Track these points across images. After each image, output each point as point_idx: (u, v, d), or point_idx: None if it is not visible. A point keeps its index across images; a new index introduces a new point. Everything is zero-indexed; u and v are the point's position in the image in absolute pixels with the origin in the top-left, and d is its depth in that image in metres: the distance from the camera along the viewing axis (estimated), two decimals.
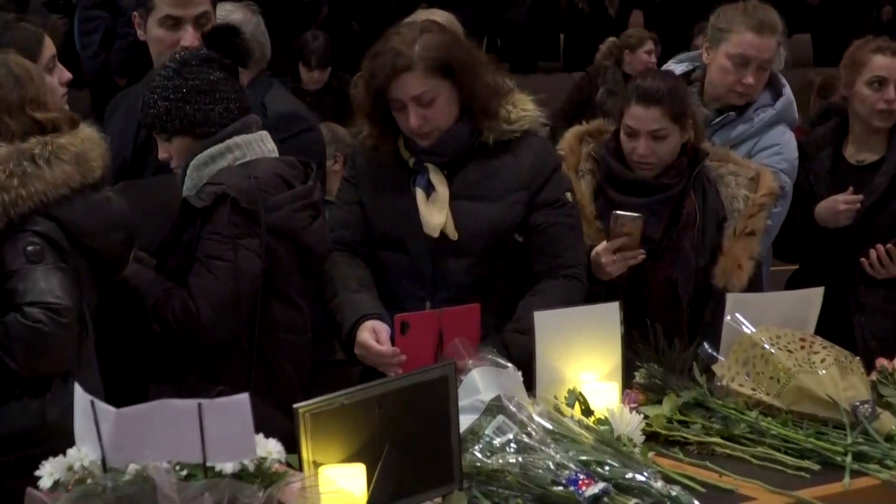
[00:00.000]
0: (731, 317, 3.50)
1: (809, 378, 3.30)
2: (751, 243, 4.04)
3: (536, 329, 3.26)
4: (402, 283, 3.68)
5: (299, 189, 3.58)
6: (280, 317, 3.57)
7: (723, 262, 4.01)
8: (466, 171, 3.66)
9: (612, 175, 4.05)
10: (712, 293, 4.00)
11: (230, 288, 3.42)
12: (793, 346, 3.42)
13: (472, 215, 3.62)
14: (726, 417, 3.29)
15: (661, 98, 3.96)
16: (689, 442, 3.23)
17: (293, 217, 3.54)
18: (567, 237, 3.71)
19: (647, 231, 3.95)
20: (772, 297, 3.69)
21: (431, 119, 3.58)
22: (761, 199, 4.08)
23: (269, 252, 3.49)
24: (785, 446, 3.18)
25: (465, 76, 3.59)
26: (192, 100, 3.53)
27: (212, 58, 3.60)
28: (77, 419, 2.48)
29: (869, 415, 3.23)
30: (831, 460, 3.11)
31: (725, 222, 4.07)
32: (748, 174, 4.14)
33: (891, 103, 4.56)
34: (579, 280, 3.72)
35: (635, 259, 3.88)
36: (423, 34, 3.59)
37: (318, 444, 2.55)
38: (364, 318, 3.56)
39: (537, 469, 2.78)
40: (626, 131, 4.01)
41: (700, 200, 4.05)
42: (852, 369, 3.39)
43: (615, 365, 3.37)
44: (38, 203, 3.15)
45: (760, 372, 3.38)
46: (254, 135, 3.59)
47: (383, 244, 3.71)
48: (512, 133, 3.68)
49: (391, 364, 3.46)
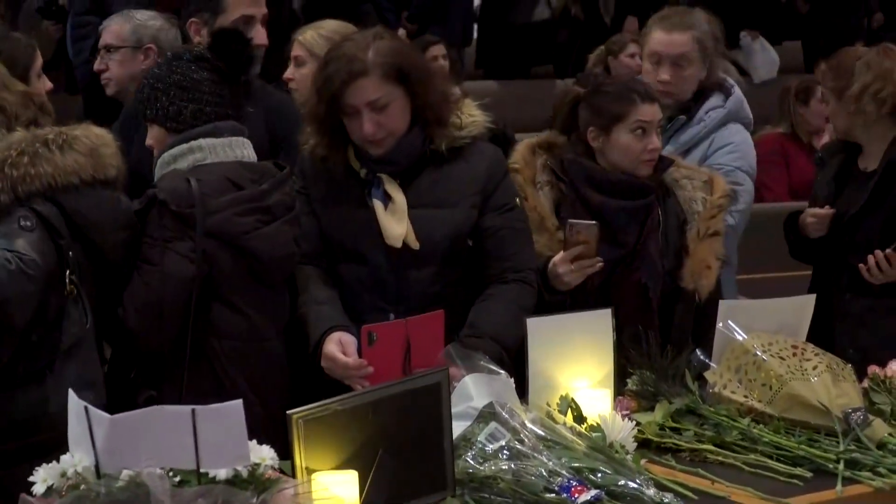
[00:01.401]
0: (723, 324, 3.50)
1: (801, 385, 3.31)
2: (715, 244, 4.08)
3: (529, 336, 3.26)
4: (363, 296, 3.64)
5: (246, 192, 3.53)
6: (221, 323, 3.52)
7: (690, 264, 4.04)
8: (420, 180, 3.65)
9: (592, 177, 4.03)
10: (680, 295, 4.03)
11: (156, 293, 3.41)
12: (785, 353, 3.42)
13: (430, 223, 3.61)
14: (718, 424, 3.29)
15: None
16: (682, 449, 3.23)
17: (234, 221, 3.48)
18: (515, 241, 3.72)
19: (621, 236, 3.97)
20: (764, 304, 3.69)
21: (385, 125, 3.56)
22: (718, 200, 4.12)
23: (208, 256, 3.45)
24: (777, 453, 3.18)
25: (419, 83, 3.59)
26: (170, 93, 3.59)
27: (205, 57, 3.63)
28: (71, 425, 2.48)
29: (861, 422, 3.23)
30: (823, 468, 3.11)
31: (686, 225, 4.10)
32: (701, 178, 4.19)
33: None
34: (529, 284, 3.71)
35: (593, 268, 3.85)
36: (376, 40, 3.57)
37: (311, 451, 2.55)
38: (331, 330, 3.52)
39: (530, 476, 2.78)
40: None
41: (661, 204, 4.08)
42: (844, 376, 3.39)
43: (607, 372, 3.36)
44: (46, 185, 3.20)
45: (752, 379, 3.38)
46: (222, 139, 3.57)
47: (341, 256, 3.67)
48: (463, 139, 3.68)
49: (358, 376, 3.42)
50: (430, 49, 8.53)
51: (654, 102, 4.04)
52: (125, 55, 4.72)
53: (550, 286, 3.84)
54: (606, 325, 3.38)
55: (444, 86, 3.73)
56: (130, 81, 4.51)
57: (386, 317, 3.57)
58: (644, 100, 4.03)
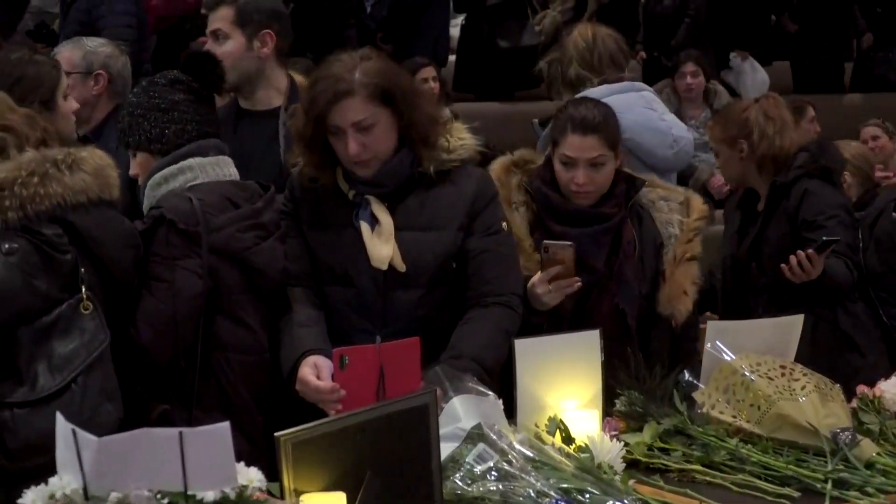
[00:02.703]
0: (711, 344, 3.51)
1: (790, 405, 3.31)
2: (691, 268, 4.07)
3: (517, 357, 3.27)
4: (350, 318, 3.63)
5: (245, 210, 3.65)
6: (228, 337, 3.60)
7: (667, 289, 4.03)
8: (408, 202, 3.64)
9: (550, 206, 4.02)
10: (657, 320, 4.02)
11: (168, 309, 3.49)
12: (773, 373, 3.43)
13: (417, 246, 3.60)
14: (707, 445, 3.29)
15: (598, 125, 3.95)
16: (670, 469, 3.23)
17: (236, 238, 3.59)
18: (499, 265, 3.68)
19: (590, 261, 3.94)
20: (751, 325, 3.70)
21: (370, 146, 3.55)
22: (695, 223, 4.12)
23: (213, 272, 3.55)
24: (765, 473, 3.18)
25: (405, 104, 3.58)
26: (150, 117, 3.67)
27: (180, 80, 3.73)
28: (58, 447, 2.48)
29: (849, 442, 3.23)
30: (812, 487, 3.12)
31: (663, 248, 4.08)
32: (678, 198, 4.17)
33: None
34: (511, 308, 3.66)
35: (571, 287, 3.81)
36: (363, 61, 3.57)
37: (299, 472, 2.55)
38: (306, 354, 3.51)
39: (518, 497, 2.78)
40: (563, 160, 3.98)
41: (637, 228, 4.05)
42: (832, 396, 3.39)
43: (595, 392, 3.37)
44: (55, 205, 3.28)
45: (741, 399, 3.39)
46: (209, 158, 3.68)
47: (328, 278, 3.67)
48: (451, 162, 3.67)
49: (330, 400, 3.38)
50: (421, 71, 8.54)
51: (585, 134, 3.94)
52: (76, 80, 4.75)
53: (531, 307, 3.82)
54: (594, 345, 3.39)
55: (431, 107, 3.72)
56: (82, 107, 4.54)
57: (371, 339, 3.55)
58: (574, 131, 3.96)
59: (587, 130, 3.94)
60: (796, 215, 4.80)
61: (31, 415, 3.21)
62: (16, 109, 3.53)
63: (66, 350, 3.27)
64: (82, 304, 3.31)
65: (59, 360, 3.26)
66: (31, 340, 3.26)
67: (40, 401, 3.22)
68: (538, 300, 3.81)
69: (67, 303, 3.30)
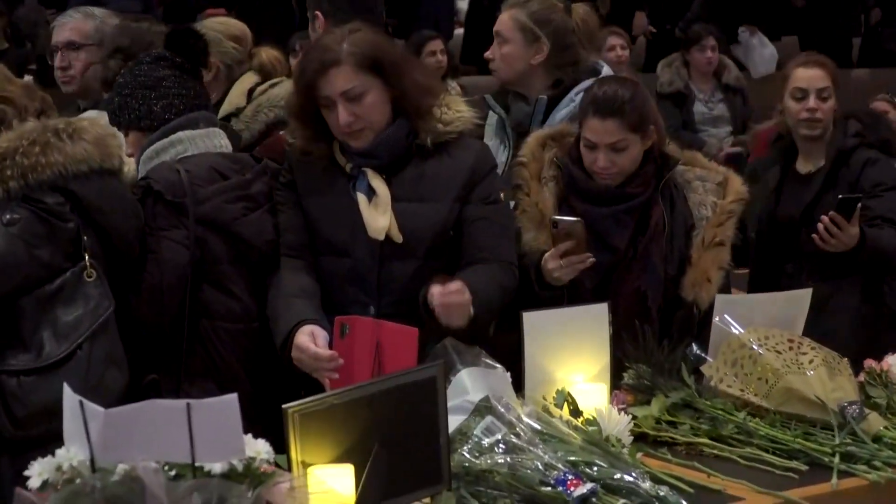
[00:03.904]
0: (719, 318, 3.51)
1: (797, 379, 3.31)
2: (720, 254, 3.94)
3: (525, 330, 3.27)
4: (346, 289, 3.62)
5: (233, 181, 3.68)
6: (215, 305, 3.63)
7: (692, 274, 3.91)
8: (405, 174, 3.63)
9: (575, 183, 3.96)
10: (681, 304, 3.91)
11: (155, 279, 3.52)
12: (781, 346, 3.42)
13: (414, 217, 3.59)
14: (714, 418, 3.29)
15: (619, 109, 3.84)
16: (678, 443, 3.24)
17: (223, 208, 3.63)
18: (494, 233, 3.66)
19: (611, 240, 3.88)
20: (760, 299, 3.70)
21: (362, 116, 3.54)
22: (730, 205, 3.98)
23: (200, 243, 3.59)
24: (773, 447, 3.18)
25: (395, 73, 3.57)
26: (137, 95, 3.72)
27: (164, 56, 3.78)
28: (66, 419, 2.48)
29: (857, 415, 3.23)
30: (819, 461, 3.12)
31: (693, 231, 3.96)
32: (716, 178, 4.03)
33: (812, 112, 4.73)
34: (506, 270, 3.64)
35: (583, 264, 3.75)
36: (352, 33, 3.57)
37: (306, 445, 2.55)
38: (302, 323, 3.49)
39: (526, 469, 2.79)
40: (585, 143, 3.91)
41: (668, 209, 3.95)
42: (840, 370, 3.39)
43: (604, 366, 3.37)
44: (57, 174, 3.31)
45: (749, 373, 3.39)
46: (199, 131, 3.73)
47: (325, 249, 3.66)
48: (448, 134, 3.65)
49: (328, 368, 3.37)
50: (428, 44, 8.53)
51: (605, 118, 3.84)
52: (90, 53, 4.71)
53: (545, 282, 3.80)
54: (603, 319, 3.39)
55: (423, 78, 3.69)
56: (94, 80, 4.52)
57: (367, 311, 3.55)
58: (595, 114, 3.88)
59: (607, 114, 3.84)
60: (856, 183, 4.69)
61: (38, 382, 3.23)
62: (13, 80, 3.57)
63: (70, 317, 3.30)
64: (86, 272, 3.33)
65: (65, 327, 3.29)
66: (36, 308, 3.28)
67: (46, 368, 3.24)
68: (551, 275, 3.78)
69: (71, 271, 3.32)
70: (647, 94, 4.06)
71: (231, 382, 3.53)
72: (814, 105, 4.75)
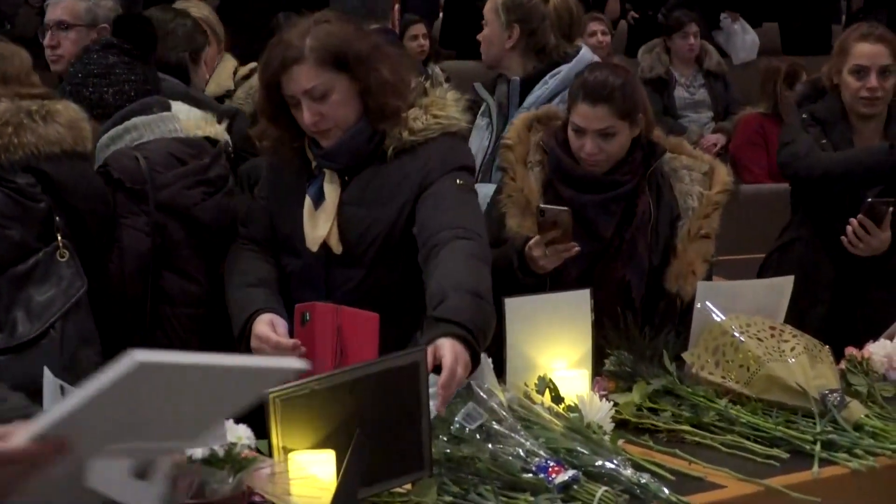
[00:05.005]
0: (701, 304, 3.51)
1: (779, 366, 3.32)
2: (705, 246, 3.91)
3: (507, 316, 3.25)
4: (300, 289, 3.52)
5: (191, 166, 3.66)
6: (175, 290, 3.62)
7: (676, 266, 3.88)
8: (363, 176, 3.46)
9: (562, 169, 3.91)
10: (664, 294, 3.89)
11: (116, 267, 3.51)
12: (763, 334, 3.43)
13: (360, 222, 3.43)
14: (696, 405, 3.30)
15: (609, 95, 3.80)
16: (659, 429, 3.24)
17: (183, 194, 3.62)
18: (455, 202, 3.37)
19: (597, 228, 3.86)
20: (742, 286, 3.69)
21: (328, 115, 3.36)
22: (716, 196, 3.94)
23: (160, 228, 3.57)
24: (754, 434, 3.18)
25: (361, 68, 3.36)
26: (88, 83, 3.73)
27: (112, 43, 3.79)
28: (46, 402, 2.46)
29: (838, 403, 3.24)
30: (800, 448, 3.12)
31: (679, 221, 3.93)
32: (702, 168, 3.98)
33: (873, 91, 4.49)
34: (471, 239, 3.26)
35: (568, 252, 3.71)
36: (317, 25, 3.39)
37: (288, 430, 2.54)
38: (260, 311, 3.40)
39: (507, 456, 2.78)
40: (574, 128, 3.87)
41: (655, 198, 3.92)
42: (822, 358, 3.40)
43: (585, 352, 3.37)
44: (29, 154, 3.29)
45: (730, 360, 3.39)
46: (153, 116, 3.70)
47: (283, 247, 3.57)
48: (413, 142, 3.44)
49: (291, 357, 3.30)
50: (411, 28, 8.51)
51: (595, 104, 3.80)
52: (80, 33, 4.67)
53: (528, 269, 3.77)
54: (585, 305, 3.38)
55: (393, 76, 3.42)
56: None
57: None
58: (585, 99, 3.83)
59: (597, 100, 3.80)
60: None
61: (11, 361, 3.20)
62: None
63: (43, 297, 3.28)
64: (58, 252, 3.32)
65: (37, 306, 3.27)
66: (9, 288, 3.25)
67: (19, 347, 3.22)
68: (535, 263, 3.74)
69: (44, 251, 3.30)
70: (638, 81, 4.05)
71: None
72: (875, 84, 4.49)
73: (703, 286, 3.60)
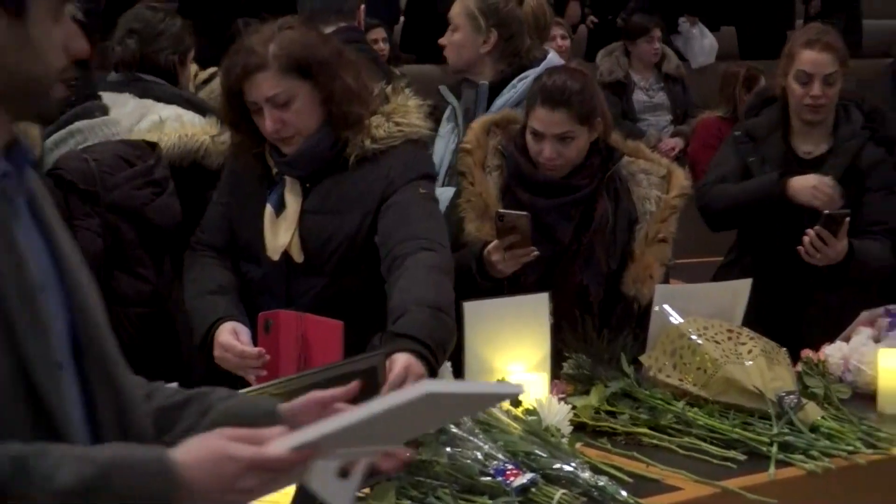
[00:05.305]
0: (659, 307, 3.52)
1: (736, 369, 3.33)
2: (662, 250, 3.90)
3: (466, 320, 3.26)
4: (261, 297, 3.48)
5: (139, 168, 3.75)
6: (127, 290, 3.70)
7: (633, 270, 3.87)
8: (325, 184, 3.43)
9: (520, 173, 3.90)
10: (621, 298, 3.88)
11: None
12: (720, 337, 3.45)
13: (321, 231, 3.40)
14: (653, 408, 3.31)
15: (568, 100, 3.79)
16: (617, 432, 3.25)
17: (133, 195, 3.70)
18: (417, 212, 3.37)
19: (556, 233, 3.85)
20: (699, 289, 3.72)
21: (290, 123, 3.34)
22: (673, 200, 3.94)
23: (112, 229, 3.65)
24: (711, 437, 3.20)
25: (324, 75, 3.34)
26: None
27: None
28: None
29: (794, 405, 3.26)
30: (757, 450, 3.14)
31: (636, 224, 3.92)
32: (659, 172, 3.98)
33: (816, 99, 4.45)
34: (432, 249, 3.29)
35: (527, 256, 3.69)
36: (280, 31, 3.36)
37: None
38: (222, 320, 3.36)
39: (465, 459, 2.79)
40: (532, 132, 3.86)
41: (612, 202, 3.91)
42: (778, 360, 3.42)
43: (543, 355, 3.38)
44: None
45: (688, 363, 3.41)
46: (97, 120, 3.76)
47: (243, 254, 3.52)
48: (375, 150, 3.41)
49: (255, 366, 3.25)
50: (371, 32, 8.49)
51: (554, 109, 3.79)
52: None
53: (486, 273, 3.75)
54: (543, 309, 3.40)
55: (357, 83, 3.41)
56: None
57: None
58: (543, 103, 3.82)
59: (556, 104, 3.79)
60: (864, 182, 4.46)
61: None
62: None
63: None
64: None
65: None
66: None
67: None
68: (494, 267, 3.72)
69: None
70: (597, 86, 4.06)
71: (143, 369, 3.48)
72: (818, 92, 4.43)
73: (661, 289, 3.61)
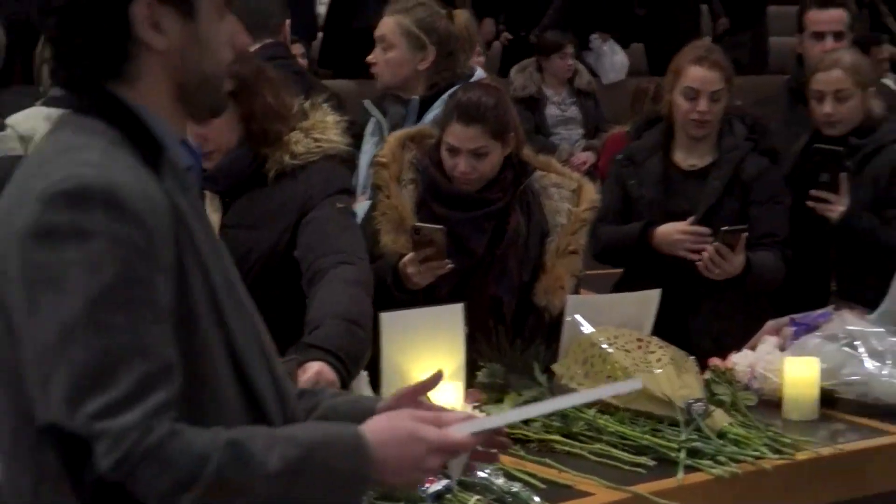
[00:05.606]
0: (570, 317, 3.57)
1: (646, 377, 3.37)
2: (573, 261, 3.96)
3: (383, 330, 3.29)
4: None
5: None
6: None
7: (545, 281, 3.93)
8: (243, 199, 3.46)
9: (435, 187, 3.94)
10: (533, 309, 3.94)
11: None
12: (630, 346, 3.49)
13: (241, 246, 3.35)
14: (565, 415, 3.34)
15: (482, 115, 3.83)
16: (530, 439, 3.28)
17: None
18: (336, 227, 3.43)
19: (470, 245, 3.89)
20: (610, 299, 3.77)
21: (210, 138, 3.37)
22: (583, 213, 4.00)
23: None
24: (622, 443, 3.25)
25: (245, 94, 3.37)
26: None
27: None
28: None
29: (702, 412, 3.31)
30: (666, 456, 3.19)
31: (548, 237, 3.97)
32: (570, 185, 4.04)
33: (702, 115, 4.47)
34: (351, 263, 3.36)
35: (442, 269, 3.75)
36: None
37: None
38: None
39: None
40: (447, 147, 3.90)
41: (525, 215, 3.96)
42: (687, 368, 3.47)
43: (458, 365, 3.41)
44: None
45: (598, 371, 3.44)
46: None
47: None
48: (294, 165, 3.46)
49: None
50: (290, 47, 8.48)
51: (468, 124, 3.83)
52: None
53: (402, 285, 3.80)
54: (458, 319, 3.43)
55: (276, 100, 3.45)
56: None
57: None
58: (458, 119, 3.86)
59: (471, 120, 3.83)
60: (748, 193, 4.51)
61: None
62: None
63: None
64: None
65: None
66: None
67: None
68: (409, 280, 3.77)
69: None
70: (510, 101, 4.10)
71: None
72: (705, 108, 4.45)
73: (572, 299, 3.67)
